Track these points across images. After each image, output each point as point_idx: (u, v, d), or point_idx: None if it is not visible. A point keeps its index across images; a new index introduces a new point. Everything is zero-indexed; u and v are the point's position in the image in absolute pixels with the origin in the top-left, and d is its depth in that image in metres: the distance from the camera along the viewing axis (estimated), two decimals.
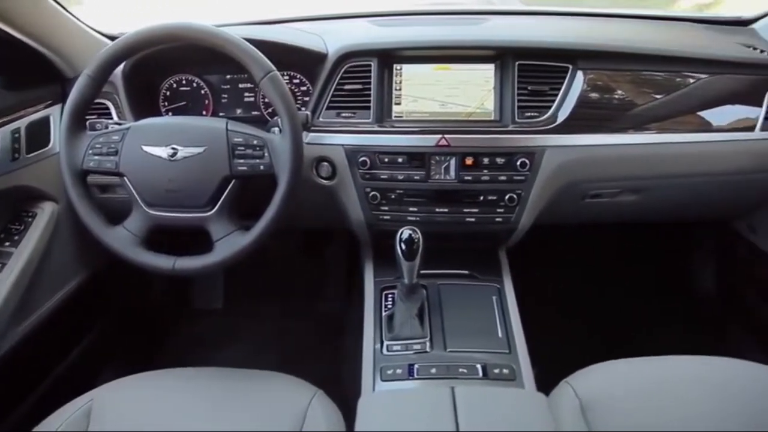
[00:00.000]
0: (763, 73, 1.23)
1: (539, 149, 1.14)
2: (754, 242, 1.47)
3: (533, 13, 1.53)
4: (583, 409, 0.92)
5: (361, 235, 1.27)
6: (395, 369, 1.01)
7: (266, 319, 1.83)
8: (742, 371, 1.00)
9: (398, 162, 1.15)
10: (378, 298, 1.17)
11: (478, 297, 1.16)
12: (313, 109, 1.18)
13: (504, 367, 1.01)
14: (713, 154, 1.24)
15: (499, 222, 1.18)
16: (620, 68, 1.20)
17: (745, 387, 0.96)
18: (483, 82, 1.17)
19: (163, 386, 1.00)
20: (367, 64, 1.17)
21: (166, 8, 1.69)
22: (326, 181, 1.19)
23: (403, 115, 1.18)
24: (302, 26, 1.34)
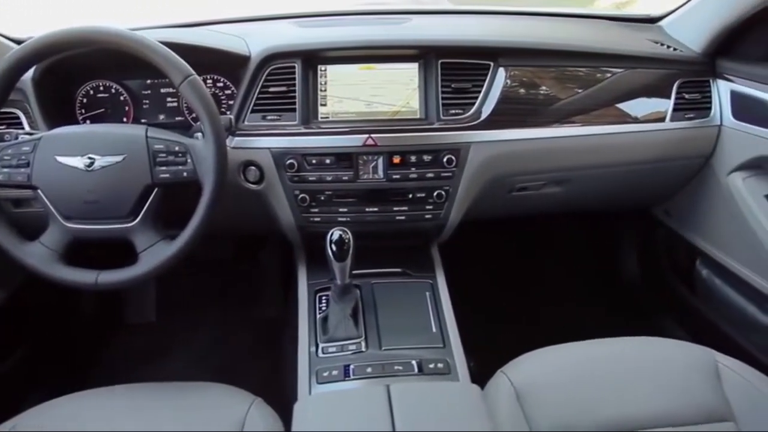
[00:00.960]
0: (671, 68, 1.31)
1: (464, 145, 1.16)
2: (671, 226, 1.56)
3: (456, 13, 1.56)
4: (518, 396, 0.95)
5: (292, 238, 1.26)
6: (331, 371, 1.01)
7: (202, 329, 1.78)
8: (663, 349, 1.06)
9: (326, 163, 1.15)
10: (312, 301, 1.17)
11: (411, 294, 1.17)
12: (238, 112, 1.16)
13: (439, 362, 1.02)
14: (630, 145, 1.30)
15: (429, 219, 1.20)
16: (540, 64, 1.24)
17: (668, 363, 1.01)
18: (407, 80, 1.18)
19: (93, 406, 0.97)
20: (291, 65, 1.16)
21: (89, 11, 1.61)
22: (254, 185, 1.18)
23: (329, 116, 1.18)
24: (224, 28, 1.32)
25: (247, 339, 1.75)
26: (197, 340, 1.76)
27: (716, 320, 1.41)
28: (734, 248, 1.34)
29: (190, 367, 1.68)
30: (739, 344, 1.32)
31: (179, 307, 1.84)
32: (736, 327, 1.35)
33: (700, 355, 1.03)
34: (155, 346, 1.74)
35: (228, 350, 1.72)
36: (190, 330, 1.79)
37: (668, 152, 1.33)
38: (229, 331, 1.78)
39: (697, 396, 0.95)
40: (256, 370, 1.60)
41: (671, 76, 1.30)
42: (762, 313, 1.26)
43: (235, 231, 1.53)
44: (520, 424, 0.92)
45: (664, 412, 0.93)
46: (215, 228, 0.99)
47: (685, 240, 1.50)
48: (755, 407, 0.94)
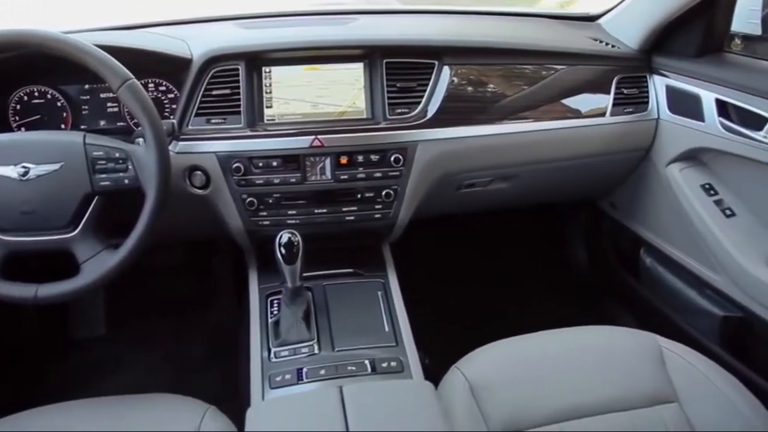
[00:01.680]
0: (609, 64, 1.35)
1: (411, 144, 1.18)
2: (616, 218, 1.61)
3: (402, 12, 1.58)
4: (472, 391, 0.96)
5: (242, 242, 1.25)
6: (284, 375, 1.00)
7: (155, 340, 1.74)
8: (611, 337, 1.10)
9: (273, 166, 1.14)
10: (263, 305, 1.16)
11: (363, 294, 1.18)
12: (181, 116, 1.14)
13: (392, 360, 1.03)
14: (573, 139, 1.34)
15: (378, 218, 1.21)
16: (484, 63, 1.27)
17: (615, 350, 1.05)
18: (353, 80, 1.19)
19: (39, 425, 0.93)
20: (234, 67, 1.15)
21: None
22: (200, 190, 1.16)
23: (275, 118, 1.17)
24: (165, 31, 1.29)
25: (202, 347, 1.72)
26: (150, 352, 1.72)
27: (660, 306, 1.47)
28: (674, 237, 1.40)
29: (143, 379, 1.63)
30: (681, 328, 1.38)
31: (130, 319, 1.79)
32: (678, 311, 1.40)
33: (645, 340, 1.06)
34: (105, 360, 1.69)
35: (182, 360, 1.69)
36: (142, 342, 1.74)
37: (610, 146, 1.37)
38: (182, 341, 1.75)
39: (644, 380, 0.99)
40: (212, 378, 1.57)
41: (610, 72, 1.35)
42: (701, 297, 1.32)
43: (184, 237, 1.51)
44: (475, 418, 0.93)
45: (613, 398, 0.96)
46: (162, 235, 0.97)
47: (630, 230, 1.56)
48: (697, 387, 0.98)
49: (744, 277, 1.17)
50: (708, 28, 1.29)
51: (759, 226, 1.23)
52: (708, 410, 0.95)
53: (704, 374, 0.99)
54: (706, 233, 1.26)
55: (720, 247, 1.22)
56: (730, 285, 1.22)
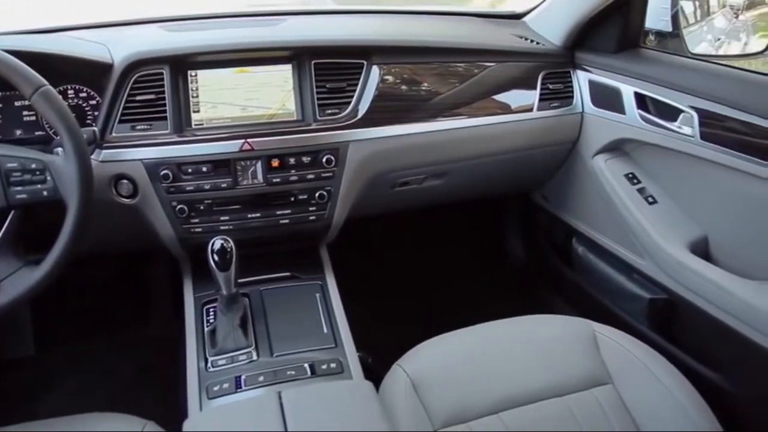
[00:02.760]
0: (535, 60, 1.40)
1: (343, 144, 1.18)
2: (549, 210, 1.67)
3: (331, 13, 1.58)
4: (415, 387, 0.98)
5: (175, 251, 1.22)
6: (221, 384, 0.99)
7: (89, 358, 1.67)
8: (547, 325, 1.14)
9: (203, 171, 1.12)
10: (199, 314, 1.14)
11: (301, 297, 1.18)
12: (104, 123, 1.11)
13: (331, 362, 1.03)
14: (503, 134, 1.38)
15: (313, 220, 1.20)
16: (413, 61, 1.29)
17: (552, 338, 1.09)
18: (282, 82, 1.18)
19: None
20: (158, 72, 1.12)
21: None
22: (128, 199, 1.13)
23: (203, 123, 1.15)
24: (84, 34, 1.25)
25: (139, 361, 1.66)
26: (84, 370, 1.65)
27: (593, 292, 1.53)
28: (602, 225, 1.46)
29: (78, 400, 1.57)
30: (613, 312, 1.44)
31: (61, 337, 1.72)
32: (610, 297, 1.46)
33: (580, 326, 1.11)
34: (36, 382, 1.62)
35: (119, 377, 1.63)
36: (75, 360, 1.67)
37: (538, 139, 1.42)
38: (118, 356, 1.69)
39: (579, 365, 1.03)
40: (152, 393, 1.53)
41: (536, 68, 1.39)
42: (629, 281, 1.38)
43: (115, 249, 1.46)
44: (419, 414, 0.95)
45: (551, 384, 1.00)
46: (91, 247, 0.94)
47: (562, 221, 1.61)
48: (628, 368, 1.03)
49: (667, 261, 1.23)
50: (624, 25, 1.35)
51: (679, 212, 1.29)
52: (639, 389, 1.00)
53: (635, 355, 1.04)
54: (631, 220, 1.32)
55: (644, 233, 1.28)
56: (655, 269, 1.29)
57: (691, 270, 1.17)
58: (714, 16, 1.28)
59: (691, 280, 1.17)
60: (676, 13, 1.29)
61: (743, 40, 1.21)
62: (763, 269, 1.11)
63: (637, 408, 0.98)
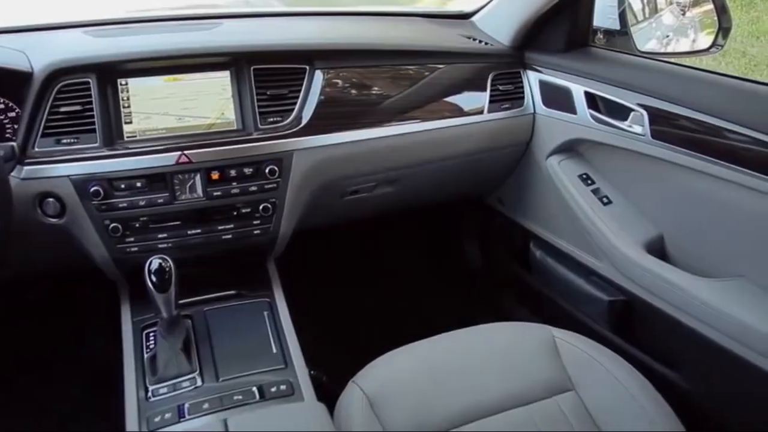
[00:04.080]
0: (484, 61, 1.41)
1: (286, 154, 1.17)
2: (505, 213, 1.69)
3: (269, 15, 1.55)
4: (371, 404, 0.97)
5: (109, 272, 1.17)
6: (163, 414, 0.96)
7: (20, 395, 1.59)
8: (505, 333, 1.15)
9: (137, 186, 1.09)
10: (138, 340, 1.10)
11: (248, 315, 1.15)
12: (25, 137, 1.06)
13: (281, 384, 1.01)
14: (454, 138, 1.39)
15: (258, 234, 1.18)
16: (358, 65, 1.28)
17: (511, 346, 1.10)
18: (220, 90, 1.16)
19: None
20: (84, 81, 1.08)
21: None
22: (55, 219, 1.08)
23: (136, 135, 1.11)
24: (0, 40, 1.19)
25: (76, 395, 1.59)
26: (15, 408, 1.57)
27: (552, 296, 1.55)
28: (559, 228, 1.48)
29: None
30: (573, 316, 1.46)
31: None
32: (569, 300, 1.49)
33: (539, 333, 1.12)
34: None
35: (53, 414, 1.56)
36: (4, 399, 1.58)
37: (490, 142, 1.44)
38: (53, 391, 1.61)
39: (540, 372, 1.04)
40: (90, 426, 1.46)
41: (485, 69, 1.41)
42: (588, 284, 1.40)
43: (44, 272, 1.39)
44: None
45: (512, 394, 1.01)
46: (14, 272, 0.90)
47: (518, 224, 1.63)
48: (590, 373, 1.04)
49: (623, 262, 1.26)
50: (573, 24, 1.38)
51: (633, 212, 1.33)
52: (601, 393, 1.02)
53: (596, 359, 1.06)
54: (587, 222, 1.34)
55: (600, 234, 1.31)
56: (613, 270, 1.31)
57: (647, 270, 1.20)
58: (662, 14, 1.31)
59: (648, 280, 1.20)
60: (623, 11, 1.32)
61: (691, 37, 1.25)
62: (718, 266, 1.14)
63: (600, 413, 0.99)
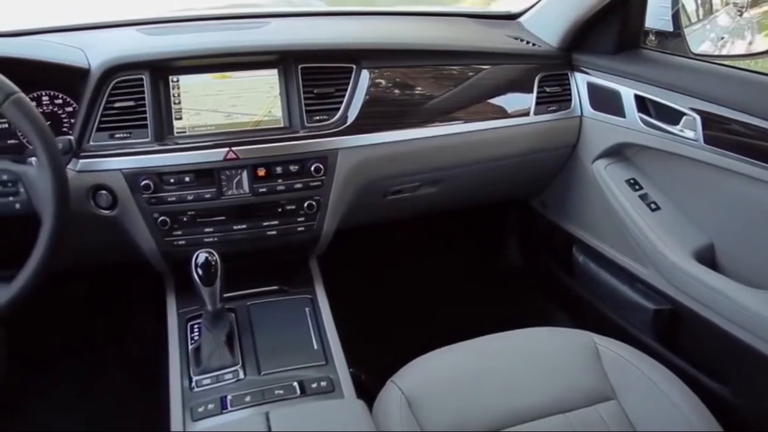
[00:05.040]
0: (531, 62, 1.41)
1: (332, 152, 1.18)
2: (548, 217, 1.67)
3: (316, 15, 1.58)
4: (410, 404, 0.97)
5: (157, 265, 1.21)
6: (206, 405, 0.98)
7: (66, 379, 1.66)
8: (546, 337, 1.14)
9: (186, 181, 1.12)
10: (183, 331, 1.13)
11: (290, 311, 1.17)
12: (81, 132, 1.10)
13: (322, 380, 1.03)
14: (499, 140, 1.38)
15: (302, 231, 1.20)
16: (404, 65, 1.29)
17: (552, 351, 1.08)
18: (268, 88, 1.18)
19: None
20: (138, 77, 1.12)
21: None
22: (107, 211, 1.12)
23: (185, 131, 1.15)
24: (59, 38, 1.24)
25: (121, 382, 1.65)
26: (60, 392, 1.63)
27: (594, 302, 1.53)
28: (604, 233, 1.46)
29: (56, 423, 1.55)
30: (616, 323, 1.44)
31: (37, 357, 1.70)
32: (612, 307, 1.46)
33: (580, 339, 1.11)
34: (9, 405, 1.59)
35: (98, 398, 1.61)
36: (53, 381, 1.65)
37: (535, 144, 1.42)
38: (98, 377, 1.67)
39: (581, 380, 1.03)
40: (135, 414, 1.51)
41: (532, 70, 1.40)
42: (632, 292, 1.38)
43: (94, 263, 1.45)
44: None
45: (552, 400, 0.99)
46: (68, 262, 0.93)
47: (562, 228, 1.62)
48: (633, 383, 1.02)
49: (671, 270, 1.23)
50: (623, 25, 1.36)
51: (683, 219, 1.30)
52: (645, 405, 0.99)
53: (639, 369, 1.04)
54: (634, 228, 1.32)
55: (647, 241, 1.29)
56: (659, 278, 1.29)
57: (696, 279, 1.17)
58: (717, 15, 1.28)
59: (697, 289, 1.17)
60: (677, 11, 1.29)
61: (748, 39, 1.22)
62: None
63: (642, 424, 0.97)
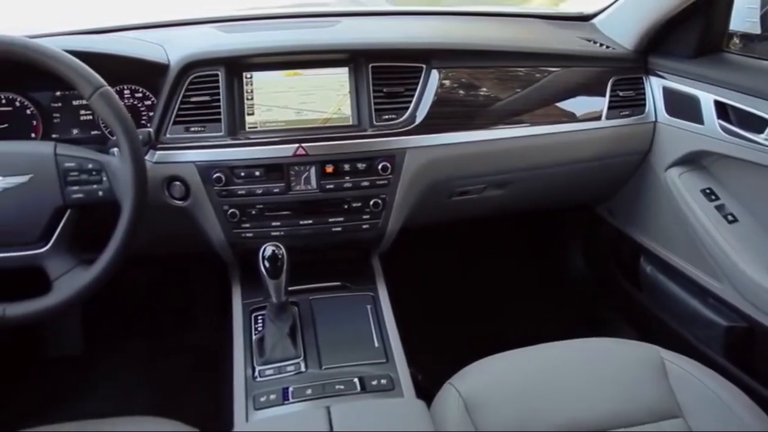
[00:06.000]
0: (604, 65, 1.37)
1: (399, 151, 1.18)
2: (615, 225, 1.62)
3: (387, 14, 1.58)
4: (467, 408, 0.96)
5: (224, 256, 1.24)
6: (269, 395, 1.00)
7: (135, 360, 1.73)
8: (611, 349, 1.10)
9: (256, 175, 1.14)
10: (247, 322, 1.15)
11: (352, 308, 1.18)
12: (158, 124, 1.14)
13: (382, 378, 1.03)
14: (569, 144, 1.35)
15: (367, 229, 1.21)
16: (474, 65, 1.28)
17: (616, 363, 1.05)
18: (338, 86, 1.19)
19: None
20: (213, 73, 1.15)
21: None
22: (180, 201, 1.16)
23: (257, 126, 1.17)
24: (140, 35, 1.29)
25: (184, 366, 1.70)
26: (129, 371, 1.70)
27: (661, 315, 1.48)
28: (675, 244, 1.41)
29: (123, 400, 1.62)
30: (684, 338, 1.38)
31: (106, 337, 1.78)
32: (681, 321, 1.41)
33: (647, 352, 1.07)
34: (82, 380, 1.68)
35: (163, 379, 1.68)
36: (121, 361, 1.73)
37: (606, 150, 1.39)
38: (163, 359, 1.73)
39: (646, 394, 0.99)
40: (194, 399, 1.56)
41: (605, 73, 1.36)
42: (704, 306, 1.33)
43: (163, 251, 1.50)
44: None
45: (615, 414, 0.96)
46: (140, 249, 0.97)
47: (629, 237, 1.57)
48: (701, 401, 0.98)
49: (748, 286, 1.18)
50: (706, 27, 1.31)
51: (762, 232, 1.24)
52: (713, 425, 0.95)
53: (709, 387, 0.99)
54: (708, 240, 1.27)
55: (722, 254, 1.23)
56: (734, 294, 1.23)
57: None
58: None
59: None
60: (766, 12, 1.23)
61: None
62: None
63: None
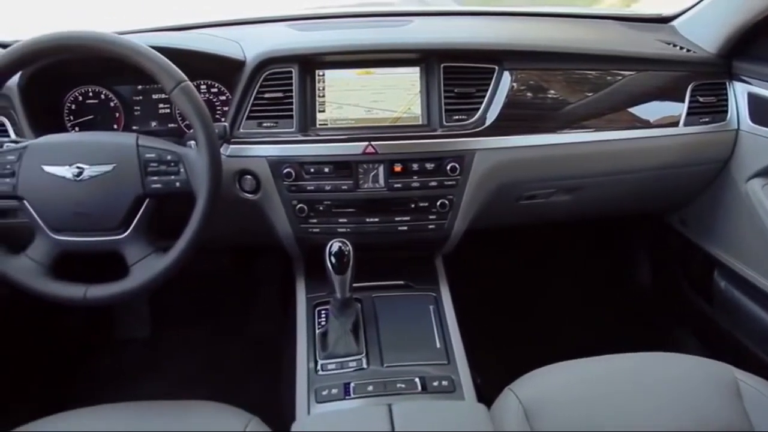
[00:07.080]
0: (684, 70, 1.31)
1: (469, 152, 1.17)
2: (687, 235, 1.56)
3: (459, 14, 1.57)
4: (527, 415, 0.95)
5: (290, 250, 1.26)
6: (330, 389, 1.01)
7: (196, 345, 1.78)
8: (679, 364, 1.06)
9: (325, 172, 1.16)
10: (311, 316, 1.17)
11: (414, 307, 1.18)
12: (233, 119, 1.17)
13: (443, 379, 1.02)
14: (643, 150, 1.31)
15: (432, 229, 1.20)
16: (547, 68, 1.25)
17: (684, 379, 1.01)
18: (409, 85, 1.19)
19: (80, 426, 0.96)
20: (287, 70, 1.17)
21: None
22: (250, 194, 1.19)
23: (327, 123, 1.19)
24: (218, 32, 1.33)
25: (244, 355, 1.75)
26: (191, 357, 1.76)
27: (735, 333, 1.41)
28: (754, 259, 1.34)
29: (184, 384, 1.67)
30: (760, 358, 1.32)
31: (171, 322, 1.84)
32: (756, 341, 1.34)
33: (719, 371, 1.02)
34: (146, 362, 1.75)
35: (224, 367, 1.72)
36: (183, 346, 1.78)
37: (683, 158, 1.33)
38: (224, 347, 1.78)
39: (717, 415, 0.95)
40: (253, 388, 1.60)
41: (684, 78, 1.31)
42: None
43: (231, 242, 1.54)
44: None
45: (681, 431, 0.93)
46: (210, 239, 1.00)
47: (702, 249, 1.50)
48: None
49: None
50: None
51: None
52: None
53: None
54: None
55: None
56: None
57: None
58: None
59: None
60: None
61: None
62: None
63: None
